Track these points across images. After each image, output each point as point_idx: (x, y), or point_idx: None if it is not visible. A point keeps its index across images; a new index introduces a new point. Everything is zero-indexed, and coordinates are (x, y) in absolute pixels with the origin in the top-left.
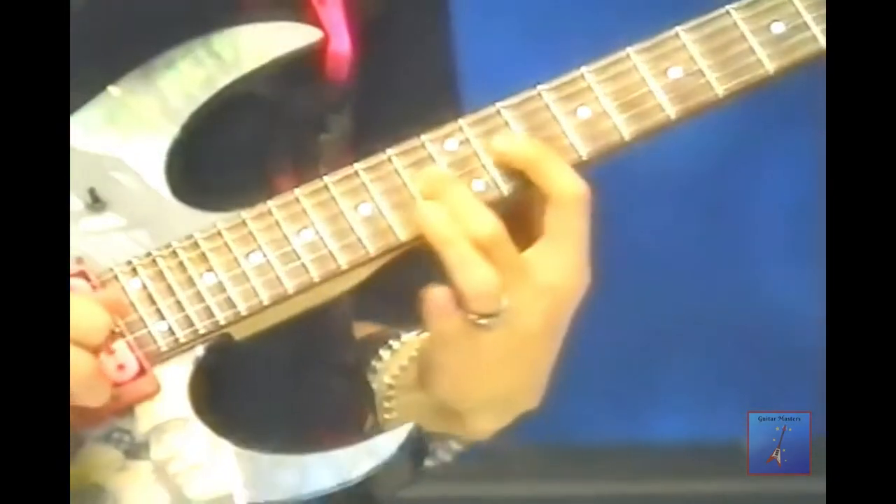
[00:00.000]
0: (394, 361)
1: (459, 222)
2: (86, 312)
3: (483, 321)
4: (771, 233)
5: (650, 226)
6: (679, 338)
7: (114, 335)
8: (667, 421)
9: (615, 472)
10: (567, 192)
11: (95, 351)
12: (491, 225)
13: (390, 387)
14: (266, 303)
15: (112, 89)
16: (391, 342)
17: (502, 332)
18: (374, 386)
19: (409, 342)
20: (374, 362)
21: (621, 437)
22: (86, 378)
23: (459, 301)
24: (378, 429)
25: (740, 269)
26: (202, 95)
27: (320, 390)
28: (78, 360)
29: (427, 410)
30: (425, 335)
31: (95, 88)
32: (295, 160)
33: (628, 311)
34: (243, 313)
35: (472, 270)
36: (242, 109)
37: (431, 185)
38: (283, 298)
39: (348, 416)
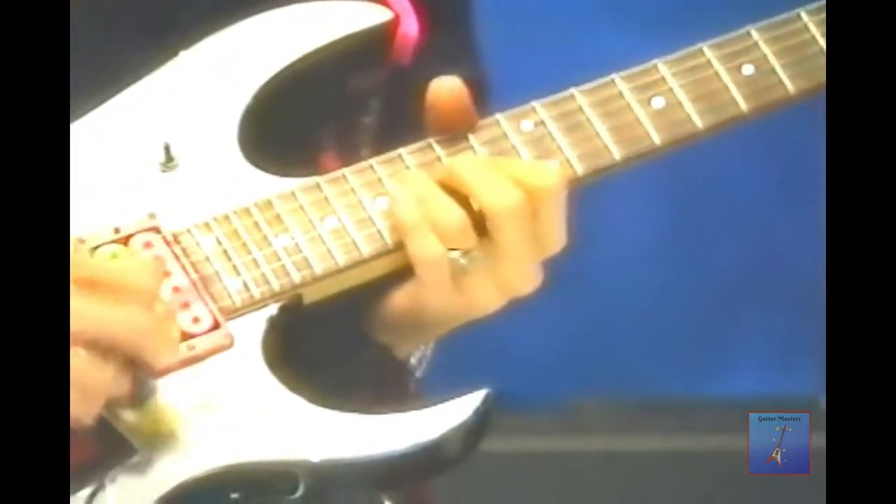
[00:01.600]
0: None
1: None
2: (132, 268)
3: (462, 259)
4: None
5: (727, 180)
6: (753, 293)
7: (186, 289)
8: (740, 376)
9: (687, 426)
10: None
11: (149, 304)
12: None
13: None
14: (342, 265)
15: (185, 54)
16: None
17: (482, 274)
18: None
19: None
20: None
21: (694, 391)
22: (145, 331)
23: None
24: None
25: (817, 224)
26: (275, 66)
27: (362, 358)
28: (133, 315)
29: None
30: None
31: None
32: (340, 141)
33: (701, 265)
34: (319, 274)
35: (435, 205)
36: (309, 84)
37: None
38: (358, 263)
39: (390, 383)
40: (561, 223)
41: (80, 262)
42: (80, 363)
